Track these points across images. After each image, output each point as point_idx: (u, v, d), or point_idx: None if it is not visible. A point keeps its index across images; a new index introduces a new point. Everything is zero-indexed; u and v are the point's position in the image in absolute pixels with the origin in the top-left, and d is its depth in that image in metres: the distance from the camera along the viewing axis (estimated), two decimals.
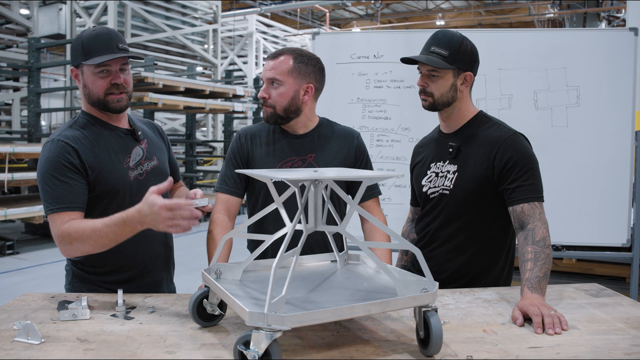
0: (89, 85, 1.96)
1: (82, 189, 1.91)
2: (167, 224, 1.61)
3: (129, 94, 2.02)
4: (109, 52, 1.91)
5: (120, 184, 1.98)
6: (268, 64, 2.08)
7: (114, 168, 1.98)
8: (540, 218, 1.92)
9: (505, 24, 20.01)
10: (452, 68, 2.04)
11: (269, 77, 2.06)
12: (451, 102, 2.09)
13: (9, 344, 1.44)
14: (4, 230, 8.47)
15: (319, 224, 1.47)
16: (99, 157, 1.96)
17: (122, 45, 1.95)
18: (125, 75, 1.99)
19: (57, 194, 1.86)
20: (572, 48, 3.51)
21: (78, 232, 1.78)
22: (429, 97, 2.09)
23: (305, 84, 2.08)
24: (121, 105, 1.99)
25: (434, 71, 2.05)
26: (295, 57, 2.07)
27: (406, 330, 1.56)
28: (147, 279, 2.09)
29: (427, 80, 2.08)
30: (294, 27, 18.11)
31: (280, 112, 2.07)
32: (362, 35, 4.21)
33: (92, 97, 1.97)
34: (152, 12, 11.00)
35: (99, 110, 2.01)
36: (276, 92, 2.06)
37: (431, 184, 2.18)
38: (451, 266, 2.10)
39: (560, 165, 3.45)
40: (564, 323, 1.59)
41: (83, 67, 1.96)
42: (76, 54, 1.96)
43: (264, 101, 2.08)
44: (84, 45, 1.93)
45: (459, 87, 2.08)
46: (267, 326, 1.20)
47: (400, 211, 3.32)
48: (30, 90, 8.68)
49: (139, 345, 1.44)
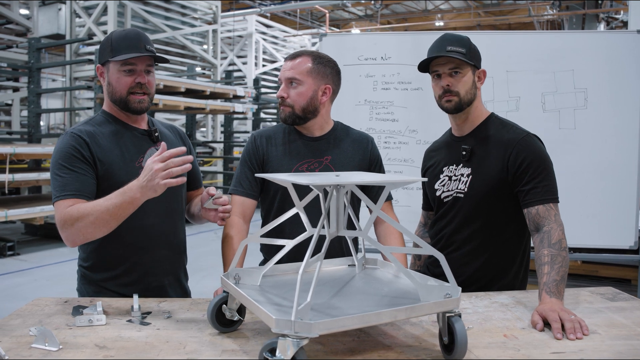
0: (113, 83, 1.98)
1: (90, 179, 1.91)
2: (162, 175, 1.63)
3: (150, 96, 2.03)
4: (136, 51, 1.93)
5: (127, 183, 1.95)
6: (287, 64, 2.09)
7: (125, 166, 1.97)
8: (556, 220, 1.91)
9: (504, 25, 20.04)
10: (472, 64, 2.04)
11: (288, 77, 2.06)
12: (473, 100, 2.09)
13: (27, 351, 1.42)
14: (4, 231, 8.43)
15: (341, 229, 1.46)
16: (110, 153, 1.96)
17: (149, 47, 1.97)
18: (150, 77, 2.01)
19: (64, 181, 1.87)
20: (579, 50, 3.50)
21: (79, 211, 1.77)
22: (454, 96, 2.06)
23: (324, 85, 2.08)
24: (142, 106, 2.00)
25: (457, 68, 2.04)
26: (314, 58, 2.08)
27: (427, 336, 1.55)
28: (153, 282, 2.06)
29: (451, 79, 2.06)
30: (293, 28, 18.10)
31: (298, 112, 2.07)
32: (370, 37, 4.20)
33: (115, 95, 1.99)
34: (151, 13, 10.97)
35: (120, 109, 2.02)
36: (295, 92, 2.06)
37: (444, 187, 2.16)
38: (467, 270, 2.09)
39: (568, 168, 3.44)
40: (585, 328, 1.58)
41: (109, 65, 1.98)
42: (104, 51, 1.98)
43: (283, 100, 2.08)
44: (112, 43, 1.95)
45: (477, 84, 2.09)
46: (294, 333, 1.18)
47: (408, 213, 3.31)
48: (31, 90, 8.65)
49: (159, 351, 1.43)
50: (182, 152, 1.65)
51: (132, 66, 1.96)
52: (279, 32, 16.54)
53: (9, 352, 1.41)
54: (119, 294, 1.99)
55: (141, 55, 1.94)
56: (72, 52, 10.71)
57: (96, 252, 2.02)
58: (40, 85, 8.85)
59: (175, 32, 11.41)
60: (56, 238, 7.87)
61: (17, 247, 7.27)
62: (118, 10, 10.16)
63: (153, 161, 1.65)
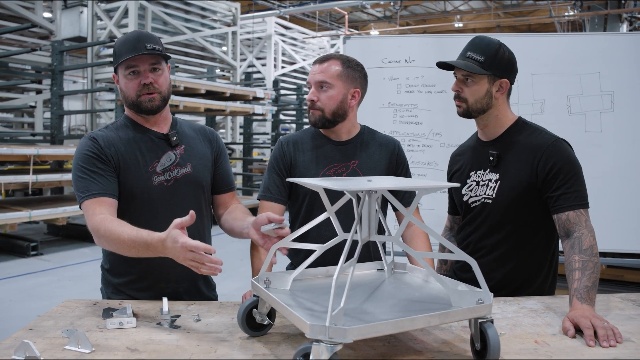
0: (123, 88, 1.99)
1: (111, 177, 1.93)
2: (189, 263, 1.55)
3: (162, 94, 1.99)
4: (134, 52, 1.92)
5: (138, 188, 1.96)
6: (316, 67, 2.09)
7: (137, 170, 1.97)
8: (587, 225, 1.89)
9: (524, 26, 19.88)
10: (487, 74, 2.01)
11: (318, 80, 2.06)
12: (486, 109, 2.06)
13: (60, 352, 1.44)
14: (27, 231, 8.54)
15: (373, 234, 1.46)
16: (124, 157, 1.96)
17: (150, 46, 1.94)
18: (156, 76, 1.98)
19: (86, 183, 1.89)
20: (605, 52, 3.45)
21: (106, 233, 1.78)
22: (463, 102, 2.06)
23: (353, 89, 2.09)
24: (153, 105, 1.97)
25: (469, 76, 2.03)
26: (343, 62, 2.08)
27: (457, 341, 1.54)
28: (166, 289, 2.02)
29: (462, 85, 2.05)
30: (312, 30, 18.13)
31: (328, 116, 2.07)
32: (393, 39, 4.19)
33: (127, 100, 1.99)
34: (171, 15, 11.06)
35: (136, 112, 2.02)
36: (325, 95, 2.06)
37: (472, 192, 2.15)
38: (496, 276, 2.07)
39: (594, 171, 3.38)
40: (618, 335, 1.55)
41: (119, 71, 1.99)
42: (114, 59, 2.00)
43: (312, 104, 2.08)
44: (116, 49, 1.97)
45: (494, 94, 2.05)
46: (328, 339, 1.18)
47: (432, 216, 3.30)
48: (53, 92, 8.75)
49: (190, 355, 1.44)
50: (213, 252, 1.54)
51: (135, 68, 1.94)
52: (298, 33, 16.57)
53: (43, 353, 1.43)
54: (134, 299, 1.99)
55: (137, 55, 1.91)
56: (93, 54, 10.84)
57: (113, 255, 2.02)
58: (63, 88, 8.95)
59: (195, 34, 11.49)
60: (78, 238, 7.99)
61: (40, 247, 7.35)
62: (138, 12, 10.26)
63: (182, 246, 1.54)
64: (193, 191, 2.07)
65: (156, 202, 1.99)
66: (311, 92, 2.08)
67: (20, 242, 7.30)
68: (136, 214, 1.96)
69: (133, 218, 1.95)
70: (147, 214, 1.98)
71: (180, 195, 2.03)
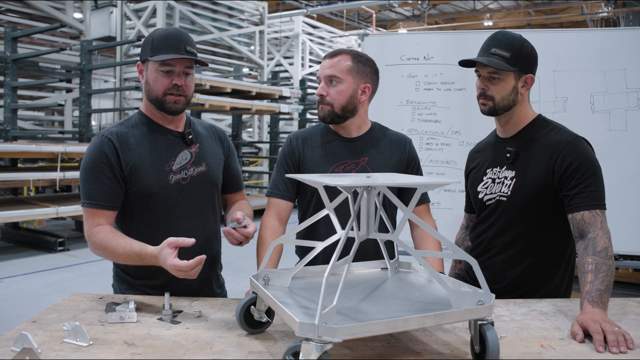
0: (150, 82, 1.95)
1: (116, 187, 1.92)
2: (179, 275, 1.68)
3: (187, 98, 1.99)
4: (175, 52, 1.90)
5: (155, 187, 1.95)
6: (326, 62, 2.06)
7: (153, 169, 1.95)
8: (602, 227, 1.81)
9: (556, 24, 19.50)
10: (514, 70, 1.95)
11: (327, 75, 2.03)
12: (511, 105, 2.01)
13: (59, 345, 1.45)
14: (55, 227, 8.69)
15: (371, 232, 1.42)
16: (139, 155, 1.95)
17: (189, 49, 1.93)
18: (188, 80, 1.97)
19: (90, 189, 1.91)
20: (632, 48, 3.35)
21: (102, 243, 1.85)
22: (489, 100, 2.00)
23: (363, 84, 2.05)
24: (177, 107, 1.97)
25: (496, 73, 1.97)
26: (353, 57, 2.05)
27: (459, 343, 1.50)
28: (182, 286, 2.01)
29: (488, 83, 1.99)
30: (340, 29, 18.09)
31: (337, 111, 2.04)
32: (412, 36, 4.13)
33: (151, 95, 1.96)
34: (199, 14, 11.15)
35: (155, 109, 2.00)
36: (335, 90, 2.03)
37: (487, 190, 2.10)
38: (508, 276, 2.02)
39: (618, 171, 3.30)
40: (630, 341, 1.48)
41: (148, 63, 1.95)
42: (145, 49, 1.96)
43: (322, 99, 2.05)
44: (153, 42, 1.93)
45: (519, 90, 2.00)
46: (317, 337, 1.16)
47: (449, 216, 3.25)
48: (82, 91, 8.89)
49: (186, 351, 1.42)
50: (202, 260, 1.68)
51: (171, 67, 1.92)
52: (326, 32, 16.54)
53: (42, 345, 1.43)
54: (149, 295, 1.99)
55: (180, 58, 1.90)
56: (122, 53, 10.98)
57: None
58: (91, 86, 9.08)
59: (223, 33, 11.55)
60: None
61: (67, 243, 7.47)
62: (166, 12, 10.37)
63: (170, 266, 1.67)
64: (208, 189, 2.07)
65: (172, 201, 1.98)
66: (320, 86, 2.06)
67: (48, 238, 7.44)
68: (152, 212, 1.96)
69: (149, 216, 1.96)
70: (164, 212, 1.97)
71: (196, 194, 2.03)
